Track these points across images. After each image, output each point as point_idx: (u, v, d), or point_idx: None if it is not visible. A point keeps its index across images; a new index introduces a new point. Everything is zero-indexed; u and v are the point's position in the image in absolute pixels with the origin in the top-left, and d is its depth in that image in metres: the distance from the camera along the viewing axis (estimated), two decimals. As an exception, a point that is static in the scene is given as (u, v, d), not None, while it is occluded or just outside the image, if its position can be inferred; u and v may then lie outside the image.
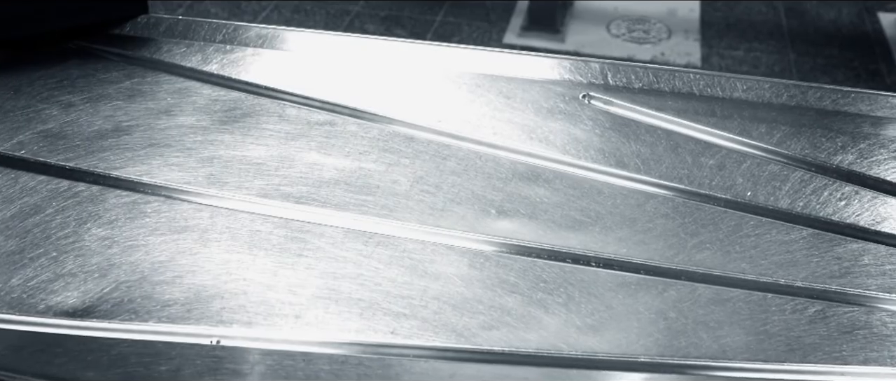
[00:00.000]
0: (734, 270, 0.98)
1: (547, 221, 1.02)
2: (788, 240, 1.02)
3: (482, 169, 1.09)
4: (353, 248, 0.98)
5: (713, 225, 1.03)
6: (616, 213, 1.04)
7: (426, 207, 1.03)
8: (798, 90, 1.20)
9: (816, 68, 3.35)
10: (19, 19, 1.25)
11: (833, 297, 0.96)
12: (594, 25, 3.56)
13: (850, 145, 1.14)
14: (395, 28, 3.49)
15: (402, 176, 1.07)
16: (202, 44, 1.28)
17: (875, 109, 1.19)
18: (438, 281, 0.94)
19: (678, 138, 1.14)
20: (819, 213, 1.05)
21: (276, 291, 0.92)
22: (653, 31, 3.55)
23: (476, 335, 0.88)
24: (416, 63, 1.25)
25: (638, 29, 3.56)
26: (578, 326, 0.90)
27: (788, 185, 1.08)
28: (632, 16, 3.65)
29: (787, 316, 0.93)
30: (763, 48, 3.47)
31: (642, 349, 0.88)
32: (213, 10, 3.52)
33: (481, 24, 3.54)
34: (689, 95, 1.20)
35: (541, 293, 0.93)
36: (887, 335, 0.92)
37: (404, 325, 0.89)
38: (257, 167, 1.07)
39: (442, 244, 0.99)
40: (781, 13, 3.70)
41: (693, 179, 1.08)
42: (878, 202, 1.07)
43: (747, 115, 1.17)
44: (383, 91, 1.20)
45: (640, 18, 3.63)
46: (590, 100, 1.19)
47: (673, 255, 0.99)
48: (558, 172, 1.09)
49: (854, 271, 0.99)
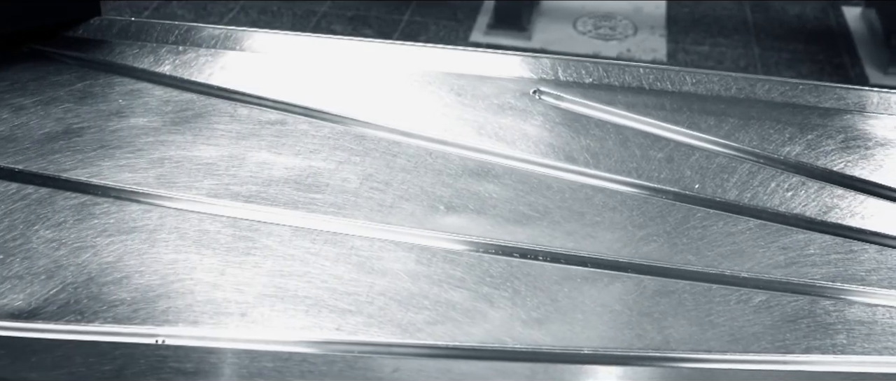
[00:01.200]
0: (680, 262, 0.98)
1: (495, 216, 1.02)
2: (735, 231, 1.03)
3: (432, 166, 1.09)
4: (301, 246, 0.98)
5: (661, 218, 1.04)
6: (564, 207, 1.04)
7: (375, 204, 1.03)
8: (746, 83, 1.21)
9: (781, 62, 3.37)
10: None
11: (778, 287, 0.97)
12: (560, 23, 3.57)
13: (798, 137, 1.15)
14: (362, 28, 3.49)
15: (352, 174, 1.07)
16: (155, 45, 1.28)
17: (823, 101, 1.20)
18: (385, 277, 0.94)
19: (627, 132, 1.14)
20: (766, 204, 1.06)
21: (222, 290, 0.92)
22: (619, 28, 3.56)
23: (421, 329, 0.89)
24: (368, 61, 1.26)
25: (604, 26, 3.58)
26: (523, 319, 0.90)
27: (736, 176, 1.09)
28: (598, 13, 3.66)
29: (731, 307, 0.93)
30: (728, 43, 3.49)
31: (585, 341, 0.88)
32: (180, 12, 3.51)
33: (448, 22, 3.54)
34: (639, 89, 1.21)
35: (487, 288, 0.94)
36: (830, 324, 0.93)
37: (350, 321, 0.89)
38: (207, 167, 1.08)
39: (390, 241, 0.99)
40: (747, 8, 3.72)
41: (641, 173, 1.09)
42: (825, 193, 1.08)
43: (696, 108, 1.18)
44: (335, 90, 1.20)
45: (607, 15, 3.65)
46: (540, 95, 1.19)
47: (620, 248, 0.99)
48: (508, 168, 1.09)
49: (799, 260, 1.00)
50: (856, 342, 0.91)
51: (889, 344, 0.91)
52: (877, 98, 1.20)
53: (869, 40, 3.49)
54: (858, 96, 1.20)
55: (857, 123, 1.18)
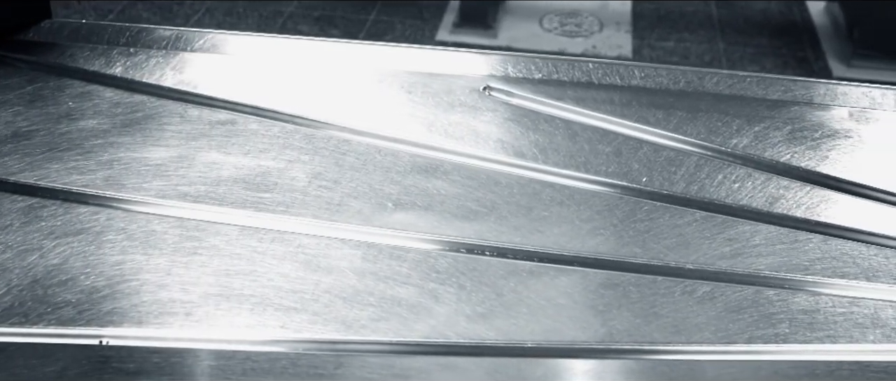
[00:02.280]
0: (626, 254, 0.99)
1: (443, 212, 1.03)
2: (681, 223, 1.03)
3: (381, 163, 1.09)
4: (248, 245, 0.98)
5: (608, 211, 1.04)
6: (512, 202, 1.05)
7: (323, 202, 1.03)
8: (694, 76, 1.22)
9: (745, 57, 3.39)
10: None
11: (722, 278, 0.97)
12: (526, 20, 3.58)
13: (746, 129, 1.16)
14: (328, 28, 3.49)
15: (301, 173, 1.07)
16: (106, 47, 1.28)
17: (770, 93, 1.21)
18: (331, 275, 0.94)
19: (576, 127, 1.15)
20: (713, 196, 1.07)
21: (168, 290, 0.92)
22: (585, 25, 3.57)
23: (365, 326, 0.89)
24: (319, 60, 1.26)
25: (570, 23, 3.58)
26: (468, 314, 0.91)
27: (683, 169, 1.10)
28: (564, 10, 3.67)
29: (675, 298, 0.94)
30: (693, 39, 3.51)
31: (529, 334, 0.89)
32: (145, 15, 3.50)
33: (414, 22, 3.55)
34: (588, 83, 1.21)
35: (433, 284, 0.94)
36: (773, 314, 0.93)
37: (294, 319, 0.89)
38: (156, 168, 1.07)
39: (337, 238, 0.99)
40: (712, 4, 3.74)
41: (590, 167, 1.09)
42: (772, 184, 1.09)
43: (645, 101, 1.19)
44: (286, 89, 1.20)
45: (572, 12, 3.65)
46: (490, 92, 1.20)
47: (566, 242, 1.00)
48: (456, 164, 1.09)
49: (745, 251, 1.00)
50: (798, 332, 0.91)
51: (831, 333, 0.92)
52: (824, 89, 1.21)
53: (832, 34, 3.52)
54: (806, 88, 1.21)
55: (805, 114, 1.19)
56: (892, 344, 0.91)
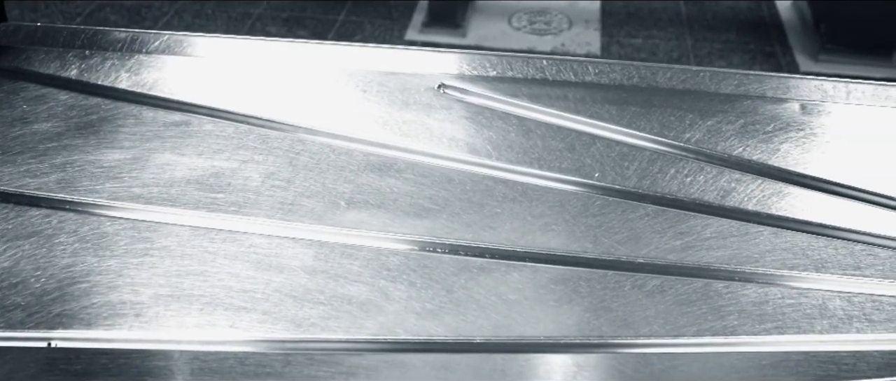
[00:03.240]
0: (577, 250, 0.99)
1: (396, 210, 1.03)
2: (633, 218, 1.04)
3: (335, 163, 1.09)
4: (200, 245, 0.98)
5: (560, 207, 1.05)
6: (465, 199, 1.05)
7: (276, 202, 1.04)
8: (648, 71, 1.22)
9: (713, 53, 3.40)
10: None
11: (673, 271, 0.98)
12: (496, 19, 3.58)
13: (699, 123, 1.16)
14: (297, 29, 3.48)
15: (255, 173, 1.08)
16: (62, 50, 1.27)
17: (723, 87, 1.22)
18: (282, 274, 0.95)
19: (530, 124, 1.15)
20: (665, 190, 1.07)
21: (118, 291, 0.92)
22: (554, 22, 3.58)
23: (315, 324, 0.89)
24: (274, 61, 1.26)
25: (539, 21, 3.59)
26: (418, 311, 0.91)
27: (636, 164, 1.10)
28: (533, 8, 3.67)
29: (625, 292, 0.95)
30: (662, 35, 3.52)
31: (477, 330, 0.89)
32: (113, 18, 3.49)
33: (383, 21, 3.54)
34: (543, 80, 1.22)
35: (383, 281, 0.94)
36: (723, 306, 0.94)
37: (244, 318, 0.89)
38: (110, 170, 1.07)
39: (289, 238, 0.99)
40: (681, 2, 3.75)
41: (543, 163, 1.10)
42: (724, 177, 1.09)
43: (598, 97, 1.19)
44: (241, 90, 1.20)
45: (542, 10, 3.66)
46: (445, 90, 1.20)
47: (517, 238, 1.00)
48: (410, 163, 1.10)
49: (696, 245, 1.01)
50: (746, 323, 0.92)
51: (779, 324, 0.92)
52: (776, 83, 1.22)
53: (800, 29, 3.53)
54: (759, 82, 1.22)
55: (758, 107, 1.19)
56: (839, 334, 0.92)
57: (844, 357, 0.90)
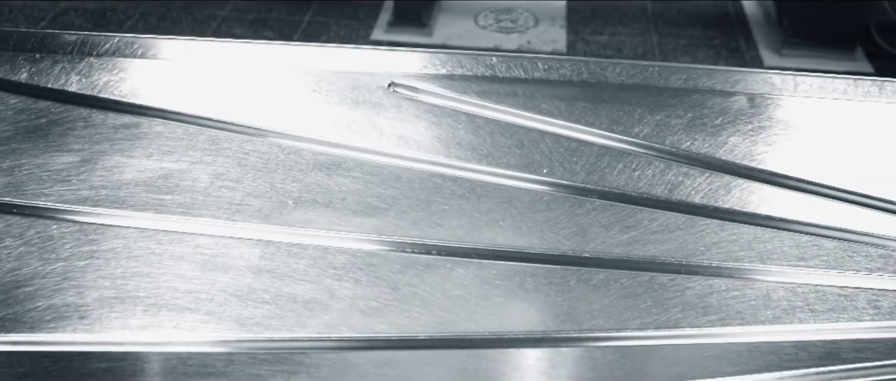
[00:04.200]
0: (523, 245, 1.00)
1: (343, 209, 1.03)
2: (580, 212, 1.04)
3: (283, 162, 1.09)
4: (146, 247, 0.98)
5: (508, 203, 1.05)
6: (412, 197, 1.05)
7: (224, 202, 1.04)
8: (597, 66, 1.23)
9: (678, 49, 3.41)
10: None
11: (619, 265, 0.98)
12: (462, 18, 3.58)
13: (647, 117, 1.17)
14: (262, 30, 3.48)
15: (203, 174, 1.08)
16: (12, 54, 1.27)
17: (672, 81, 1.22)
18: (227, 274, 0.95)
19: (479, 121, 1.16)
20: (613, 184, 1.08)
21: (63, 294, 0.92)
22: (520, 20, 3.58)
23: (259, 323, 0.89)
24: (224, 61, 1.26)
25: (505, 19, 3.59)
26: (362, 309, 0.91)
27: (584, 159, 1.11)
28: (499, 7, 3.67)
29: (570, 286, 0.95)
30: (627, 32, 3.53)
31: (421, 327, 0.89)
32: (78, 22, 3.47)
33: (349, 22, 3.54)
34: (492, 78, 1.22)
35: (329, 280, 0.94)
36: (667, 299, 0.94)
37: (188, 319, 0.89)
38: (58, 173, 1.07)
39: (235, 238, 0.99)
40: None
41: (491, 160, 1.10)
42: (672, 171, 1.10)
43: (548, 93, 1.20)
44: (191, 91, 1.20)
45: (507, 9, 3.66)
46: (394, 88, 1.20)
47: (464, 234, 1.01)
48: (359, 161, 1.10)
49: (642, 238, 1.02)
50: (690, 316, 0.93)
51: (723, 315, 0.93)
52: (724, 77, 1.22)
53: (764, 24, 3.55)
54: (707, 76, 1.22)
55: (706, 101, 1.20)
56: (782, 325, 0.92)
57: (786, 347, 0.91)
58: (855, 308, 0.95)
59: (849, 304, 0.95)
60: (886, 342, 0.92)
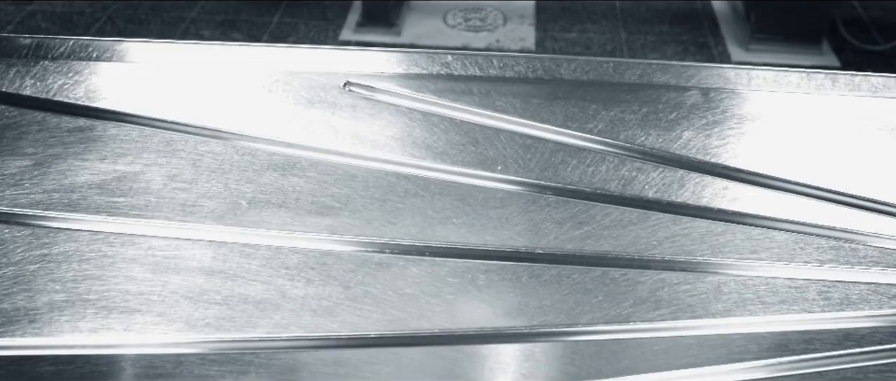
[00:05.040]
0: (477, 242, 1.00)
1: (297, 209, 1.03)
2: (534, 209, 1.05)
3: (238, 163, 1.09)
4: (98, 250, 0.98)
5: (461, 200, 1.05)
6: (366, 196, 1.05)
7: (177, 204, 1.03)
8: (553, 63, 1.23)
9: (647, 45, 3.42)
10: None
11: (572, 260, 0.99)
12: (430, 17, 3.58)
13: (602, 113, 1.17)
14: (231, 32, 3.47)
15: (157, 175, 1.07)
16: (-34, 58, 1.26)
17: (627, 77, 1.23)
18: (179, 276, 0.94)
19: (434, 119, 1.16)
20: (566, 180, 1.08)
21: (13, 298, 0.92)
22: (489, 19, 3.59)
23: (209, 324, 0.89)
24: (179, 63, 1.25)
25: (474, 18, 3.60)
26: (313, 309, 0.91)
27: (538, 155, 1.11)
28: (468, 6, 3.68)
29: (522, 282, 0.95)
30: (596, 29, 3.54)
31: (372, 326, 0.90)
32: (44, 25, 3.46)
33: (318, 22, 3.54)
34: (448, 76, 1.22)
35: (281, 280, 0.94)
36: (619, 293, 0.95)
37: (138, 321, 0.89)
38: (10, 178, 1.07)
39: (188, 239, 0.99)
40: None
41: (446, 157, 1.10)
42: (625, 166, 1.11)
43: (503, 91, 1.20)
44: (146, 93, 1.20)
45: (476, 7, 3.67)
46: (350, 88, 1.20)
47: (417, 232, 1.01)
48: (313, 161, 1.10)
49: (596, 234, 1.02)
50: (641, 310, 0.93)
51: (674, 309, 0.93)
52: (678, 72, 1.23)
53: (732, 19, 3.56)
54: (661, 71, 1.23)
55: (660, 96, 1.21)
56: (732, 318, 0.93)
57: (736, 340, 0.91)
58: (805, 300, 0.95)
59: (799, 296, 0.96)
60: (835, 333, 0.93)
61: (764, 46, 3.31)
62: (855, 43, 3.36)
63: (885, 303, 0.96)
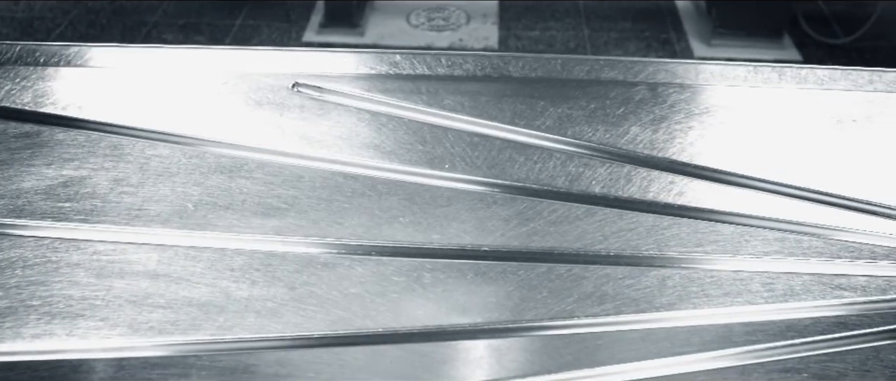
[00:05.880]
0: (423, 241, 1.00)
1: (243, 211, 1.03)
2: (480, 206, 1.05)
3: (185, 166, 1.09)
4: (43, 256, 0.97)
5: (409, 200, 1.06)
6: (313, 196, 1.05)
7: (123, 208, 1.03)
8: (501, 61, 1.23)
9: (610, 42, 3.44)
10: None
11: (517, 257, 0.99)
12: (394, 17, 3.58)
13: (550, 110, 1.18)
14: (194, 35, 3.46)
15: (104, 180, 1.07)
16: (-87, 65, 1.26)
17: (575, 73, 1.23)
18: (123, 280, 0.94)
19: (383, 119, 1.16)
20: (514, 177, 1.08)
21: (-46, 306, 0.91)
22: (452, 18, 3.59)
23: (152, 328, 0.89)
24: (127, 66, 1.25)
25: (437, 17, 3.60)
26: (258, 310, 0.91)
27: (486, 153, 1.11)
28: (431, 5, 3.68)
29: (468, 280, 0.96)
30: (559, 26, 3.54)
31: (315, 326, 0.90)
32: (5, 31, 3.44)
33: (281, 24, 3.53)
34: (396, 76, 1.22)
35: (226, 282, 0.94)
36: (563, 289, 0.95)
37: (81, 326, 0.89)
38: (-44, 184, 1.06)
39: (133, 243, 0.99)
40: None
41: (394, 157, 1.10)
42: (573, 162, 1.11)
43: (451, 89, 1.20)
44: (93, 97, 1.19)
45: (439, 7, 3.67)
46: (298, 89, 1.20)
47: (364, 232, 1.01)
48: (261, 162, 1.10)
49: (542, 230, 1.02)
50: (585, 305, 0.94)
51: (617, 304, 0.94)
52: (626, 67, 1.23)
53: (694, 15, 3.58)
54: (610, 67, 1.23)
55: (608, 91, 1.21)
56: (676, 311, 0.93)
57: (679, 333, 0.92)
58: (749, 292, 0.96)
59: (744, 288, 0.97)
60: (778, 324, 0.93)
61: (725, 41, 3.32)
62: (816, 37, 3.38)
63: (829, 293, 0.96)
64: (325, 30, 3.45)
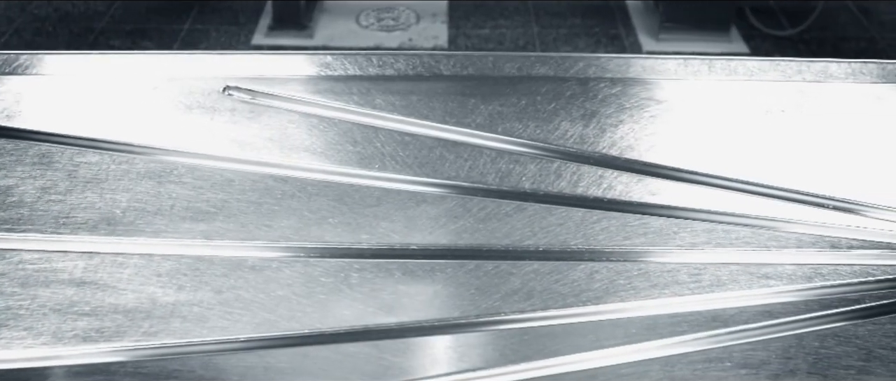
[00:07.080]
0: (352, 241, 1.00)
1: (172, 216, 1.03)
2: (410, 205, 1.05)
3: (114, 172, 1.08)
4: (-33, 266, 0.97)
5: (338, 200, 1.06)
6: (243, 199, 1.05)
7: (50, 217, 1.02)
8: (432, 59, 1.24)
9: (559, 38, 3.45)
10: None
11: (446, 255, 0.99)
12: (343, 18, 3.58)
13: (481, 107, 1.18)
14: (141, 40, 3.44)
15: (31, 188, 1.06)
16: None
17: (506, 70, 1.23)
18: (49, 288, 0.94)
19: (314, 120, 1.16)
20: (444, 175, 1.09)
21: None
22: (401, 18, 3.59)
23: (77, 336, 0.89)
24: (58, 73, 1.24)
25: (386, 17, 3.60)
26: (184, 315, 0.91)
27: (417, 152, 1.12)
28: (380, 6, 3.68)
29: (395, 279, 0.96)
30: (508, 24, 3.55)
31: (241, 329, 0.90)
32: (-50, 42, 3.41)
33: (230, 28, 3.52)
34: (328, 77, 1.22)
35: (152, 287, 0.94)
36: (489, 286, 0.96)
37: (4, 336, 0.89)
38: None
39: (60, 252, 0.98)
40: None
41: (324, 158, 1.10)
42: (503, 159, 1.11)
43: (383, 89, 1.20)
44: (22, 106, 1.18)
45: (389, 7, 3.67)
46: (229, 92, 1.20)
47: (293, 234, 1.01)
48: (191, 167, 1.09)
49: (471, 227, 1.03)
50: (511, 302, 0.94)
51: (544, 299, 0.94)
52: (557, 63, 1.24)
53: (642, 10, 3.60)
54: (540, 63, 1.24)
55: (539, 88, 1.21)
56: (603, 305, 0.94)
57: (604, 326, 0.92)
58: (676, 283, 0.97)
59: (671, 279, 0.97)
60: (704, 314, 0.94)
61: (673, 35, 3.34)
62: (763, 29, 3.41)
63: (755, 282, 0.97)
64: (273, 32, 3.44)
